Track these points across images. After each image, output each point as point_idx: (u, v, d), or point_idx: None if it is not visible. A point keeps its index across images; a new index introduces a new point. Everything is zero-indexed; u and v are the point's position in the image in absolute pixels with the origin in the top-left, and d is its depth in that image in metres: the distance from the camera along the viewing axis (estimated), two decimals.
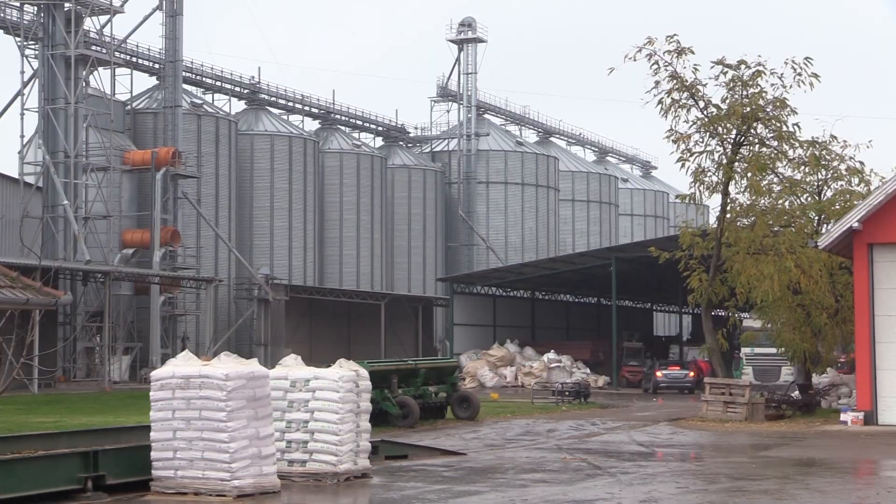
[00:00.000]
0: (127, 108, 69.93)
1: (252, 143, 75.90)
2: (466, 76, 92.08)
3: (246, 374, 17.48)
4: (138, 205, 66.61)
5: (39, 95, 62.83)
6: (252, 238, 75.04)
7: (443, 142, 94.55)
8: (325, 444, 18.93)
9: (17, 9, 63.40)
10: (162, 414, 17.52)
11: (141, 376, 58.33)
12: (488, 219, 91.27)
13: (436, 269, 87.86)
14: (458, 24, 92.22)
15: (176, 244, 65.90)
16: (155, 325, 62.20)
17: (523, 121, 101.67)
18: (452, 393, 34.96)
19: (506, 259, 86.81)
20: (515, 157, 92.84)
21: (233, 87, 78.28)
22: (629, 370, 63.22)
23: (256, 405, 17.52)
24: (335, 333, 76.88)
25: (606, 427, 32.72)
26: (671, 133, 36.60)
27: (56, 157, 61.85)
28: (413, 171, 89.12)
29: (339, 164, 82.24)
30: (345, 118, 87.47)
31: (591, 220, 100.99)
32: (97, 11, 63.71)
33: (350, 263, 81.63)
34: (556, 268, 71.13)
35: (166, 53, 68.54)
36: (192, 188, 68.46)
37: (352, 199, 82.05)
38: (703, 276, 37.42)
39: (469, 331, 70.61)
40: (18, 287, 22.72)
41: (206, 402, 17.24)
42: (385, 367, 32.80)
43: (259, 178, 75.77)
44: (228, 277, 70.92)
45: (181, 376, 17.47)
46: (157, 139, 68.17)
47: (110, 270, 57.73)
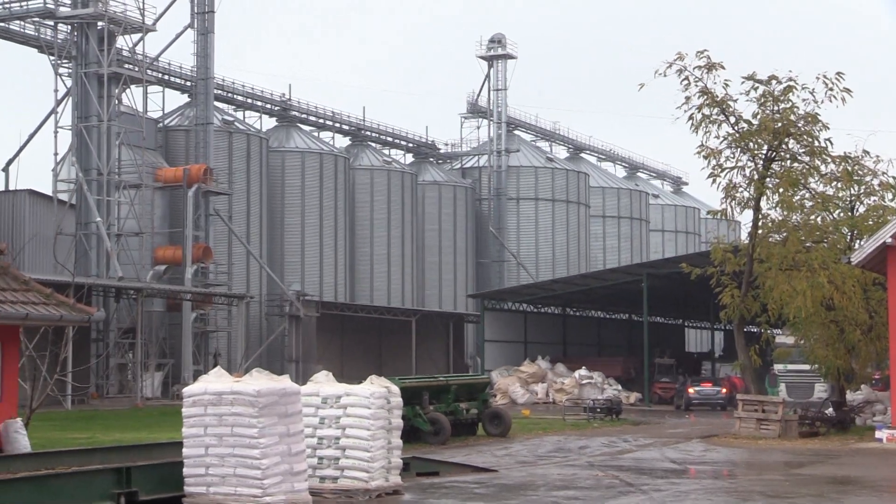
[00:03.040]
0: (159, 126, 70.36)
1: (283, 160, 76.18)
2: (496, 92, 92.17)
3: (277, 390, 17.49)
4: (170, 222, 66.93)
5: (73, 113, 63.30)
6: (283, 254, 75.24)
7: (473, 158, 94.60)
8: (357, 460, 18.92)
9: (51, 28, 63.97)
10: (194, 430, 17.54)
11: (173, 392, 58.53)
12: (519, 235, 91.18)
13: (466, 286, 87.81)
14: (488, 41, 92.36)
15: (207, 261, 66.15)
16: (187, 342, 62.41)
17: (553, 137, 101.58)
18: (484, 409, 34.89)
19: (536, 275, 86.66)
20: (546, 173, 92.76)
21: (264, 104, 78.65)
22: (661, 387, 62.94)
23: (288, 421, 17.53)
24: (366, 350, 76.93)
25: (638, 444, 32.57)
26: (702, 149, 36.49)
27: (89, 175, 62.26)
28: (443, 187, 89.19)
29: (369, 181, 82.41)
30: (375, 135, 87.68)
31: (621, 236, 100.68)
32: (130, 30, 64.17)
33: (381, 279, 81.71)
34: (587, 284, 70.95)
35: (198, 71, 68.92)
36: (224, 205, 68.75)
37: (382, 216, 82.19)
38: (735, 292, 37.23)
39: (500, 347, 70.51)
40: (52, 303, 22.81)
41: (237, 419, 17.26)
42: (416, 384, 32.78)
43: (290, 195, 76.01)
44: (260, 294, 71.14)
45: (213, 393, 17.50)
46: (189, 156, 68.52)
47: (143, 287, 58.02)
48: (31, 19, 63.47)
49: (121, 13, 62.90)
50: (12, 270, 23.37)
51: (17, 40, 65.31)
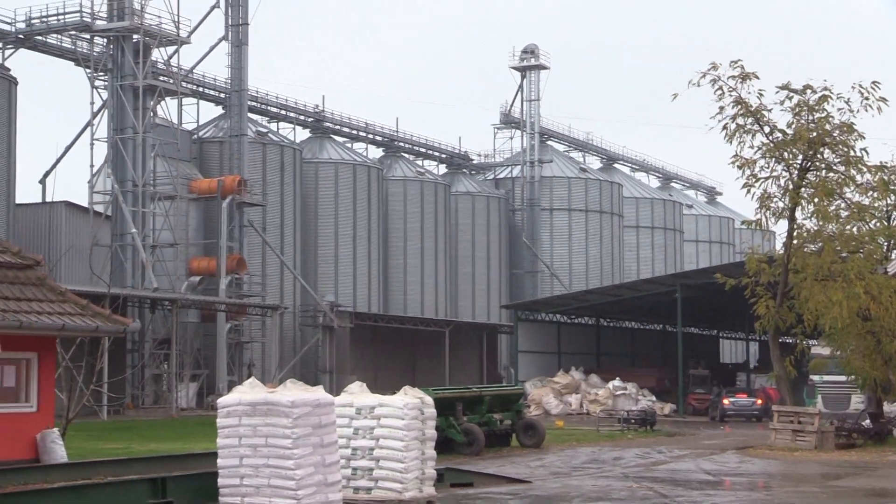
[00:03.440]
0: (193, 138, 70.75)
1: (316, 171, 76.42)
2: (529, 103, 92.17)
3: (311, 401, 17.51)
4: (205, 233, 67.24)
5: (108, 125, 63.76)
6: (317, 265, 75.43)
7: (506, 169, 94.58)
8: (391, 471, 18.92)
9: (88, 41, 64.48)
10: (229, 441, 17.58)
11: (208, 403, 58.74)
12: (552, 246, 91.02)
13: (500, 296, 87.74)
14: (521, 52, 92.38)
15: (242, 272, 66.40)
16: (221, 353, 62.64)
17: (587, 147, 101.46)
18: (517, 420, 34.83)
19: (570, 286, 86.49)
20: (579, 183, 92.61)
21: (297, 115, 78.98)
22: (696, 398, 62.64)
23: (322, 432, 17.54)
24: (399, 360, 76.96)
25: (673, 455, 32.42)
26: (736, 158, 36.36)
27: (125, 186, 62.66)
28: (477, 198, 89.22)
29: (402, 192, 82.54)
30: (408, 146, 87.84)
31: (655, 247, 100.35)
32: (165, 42, 64.60)
33: (414, 290, 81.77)
34: (620, 294, 70.74)
35: (232, 83, 69.27)
36: (258, 216, 69.02)
37: (416, 227, 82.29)
38: (770, 303, 37.02)
39: (534, 358, 70.40)
40: (88, 314, 22.95)
41: (272, 429, 17.28)
42: (450, 395, 32.76)
43: (323, 206, 76.23)
44: (293, 305, 71.34)
45: (247, 403, 17.54)
46: (223, 168, 68.83)
47: (177, 298, 58.30)
48: (68, 33, 64.02)
49: (156, 26, 63.34)
50: (49, 282, 23.55)
51: (54, 53, 65.92)
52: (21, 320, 21.46)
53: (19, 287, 22.51)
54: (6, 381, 22.33)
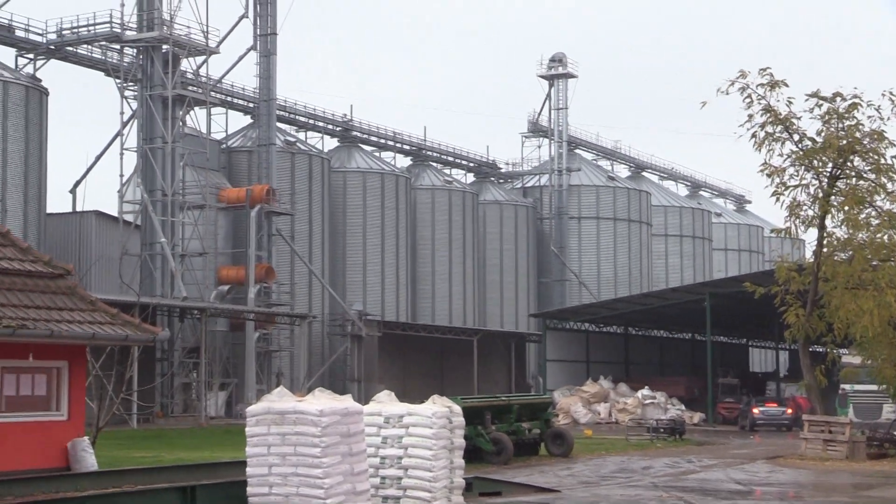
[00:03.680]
0: (222, 147, 71.03)
1: (345, 180, 76.58)
2: (557, 111, 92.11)
3: (340, 410, 17.54)
4: (233, 242, 67.46)
5: (138, 135, 64.08)
6: (345, 274, 75.55)
7: (534, 177, 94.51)
8: (419, 480, 18.91)
9: (118, 51, 64.87)
10: (258, 450, 17.63)
11: (236, 412, 58.88)
12: (580, 254, 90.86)
13: (528, 305, 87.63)
14: (549, 60, 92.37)
15: (270, 281, 66.58)
16: (250, 361, 62.80)
17: (615, 155, 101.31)
18: (546, 429, 34.77)
19: (598, 294, 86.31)
20: (607, 191, 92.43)
21: (325, 124, 79.19)
22: (725, 407, 62.35)
23: (351, 441, 17.56)
24: (428, 369, 76.97)
25: (703, 465, 32.28)
26: (765, 167, 36.22)
27: (154, 196, 62.94)
28: (505, 206, 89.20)
29: (430, 201, 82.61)
30: (436, 154, 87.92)
31: (684, 255, 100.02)
32: (194, 52, 64.90)
33: (442, 299, 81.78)
34: (649, 303, 70.53)
35: (260, 92, 69.54)
36: (286, 225, 69.21)
37: (444, 235, 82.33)
38: (800, 312, 36.83)
39: (562, 367, 70.27)
40: (118, 323, 23.07)
41: (300, 438, 17.32)
42: (478, 404, 32.73)
43: (352, 215, 76.38)
44: (322, 313, 71.47)
45: (276, 412, 17.59)
46: (252, 177, 69.06)
47: (206, 307, 58.50)
48: (98, 43, 64.43)
49: (185, 36, 63.65)
50: (79, 291, 23.68)
51: (84, 64, 66.35)
52: (52, 329, 21.58)
53: (50, 296, 22.65)
54: (37, 389, 22.46)
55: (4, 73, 59.21)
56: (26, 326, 21.13)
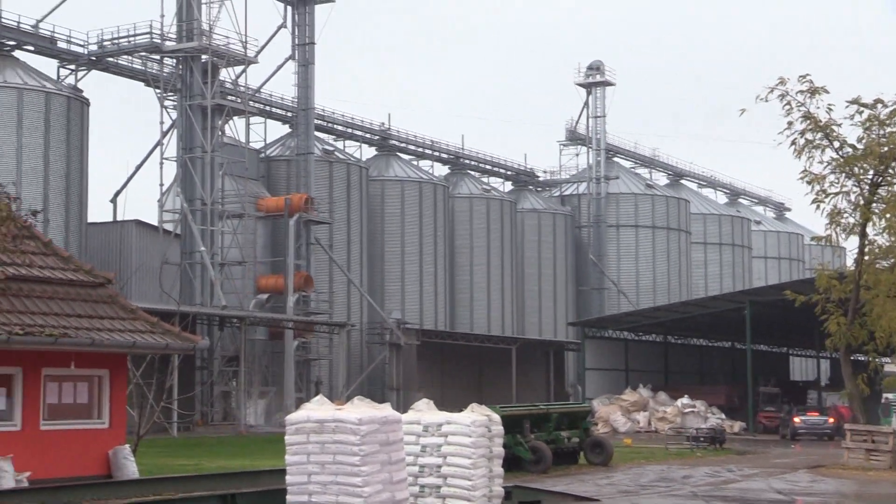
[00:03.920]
0: (261, 156, 71.37)
1: (383, 189, 76.75)
2: (595, 119, 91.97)
3: (379, 418, 17.55)
4: (272, 251, 67.72)
5: (178, 145, 64.51)
6: (383, 283, 75.68)
7: (572, 185, 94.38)
8: (458, 488, 18.88)
9: (157, 62, 65.35)
10: (297, 458, 17.66)
11: (276, 420, 59.05)
12: (619, 262, 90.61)
13: (566, 313, 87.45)
14: (587, 68, 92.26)
15: (309, 289, 66.78)
16: (289, 370, 62.98)
17: (653, 163, 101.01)
18: (585, 438, 34.67)
19: (637, 303, 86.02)
20: (646, 199, 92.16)
21: (363, 133, 79.40)
22: (766, 416, 61.94)
23: (390, 449, 17.56)
24: (466, 378, 76.94)
25: (743, 474, 32.07)
26: (805, 174, 35.98)
27: (193, 205, 63.32)
28: (542, 214, 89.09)
29: (468, 209, 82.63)
30: (474, 163, 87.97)
31: (723, 263, 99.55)
32: (232, 62, 65.28)
33: (480, 307, 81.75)
34: (688, 311, 70.21)
35: (299, 102, 69.84)
36: (325, 234, 69.43)
37: (482, 244, 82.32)
38: (841, 320, 36.54)
39: (601, 375, 70.05)
40: (158, 332, 23.22)
41: (340, 447, 17.33)
42: (517, 412, 32.69)
43: (390, 223, 76.52)
44: (360, 322, 71.61)
45: (315, 420, 17.61)
46: (290, 186, 69.34)
47: (246, 315, 58.75)
48: (138, 54, 64.92)
49: (224, 46, 64.03)
50: (120, 299, 23.85)
51: (125, 74, 66.87)
52: (93, 338, 21.75)
53: (91, 305, 22.82)
54: (79, 397, 22.65)
55: (47, 85, 59.78)
56: (68, 335, 21.30)
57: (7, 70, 58.95)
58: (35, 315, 21.46)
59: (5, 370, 21.31)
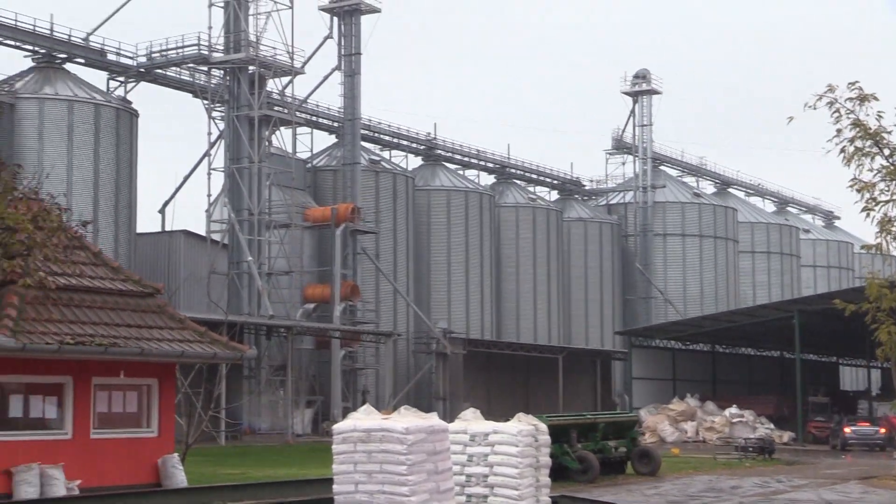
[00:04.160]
0: (307, 166, 71.71)
1: (429, 198, 76.86)
2: (641, 128, 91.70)
3: (426, 427, 17.57)
4: (319, 260, 68.00)
5: (225, 155, 64.95)
6: (430, 292, 75.76)
7: (618, 194, 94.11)
8: (505, 498, 18.84)
9: (205, 73, 65.86)
10: (344, 467, 17.71)
11: (323, 429, 59.23)
12: (666, 271, 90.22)
13: (613, 323, 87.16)
14: (633, 77, 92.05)
15: (355, 299, 66.96)
16: (336, 379, 63.16)
17: (700, 172, 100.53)
18: (632, 448, 34.51)
19: (684, 312, 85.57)
20: (693, 208, 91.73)
21: (409, 143, 79.59)
22: (815, 426, 61.37)
23: (436, 459, 17.57)
24: (513, 387, 76.82)
25: (793, 484, 31.79)
26: (855, 182, 35.56)
27: (241, 215, 63.70)
28: (589, 223, 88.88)
29: (514, 218, 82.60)
30: (520, 172, 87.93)
31: (771, 272, 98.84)
32: (279, 73, 65.66)
33: (527, 317, 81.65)
34: (736, 321, 69.74)
35: (345, 112, 70.12)
36: (371, 243, 69.62)
37: (528, 253, 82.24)
38: (892, 329, 36.07)
39: (648, 384, 69.73)
40: (206, 341, 23.38)
41: (387, 456, 17.36)
42: (564, 422, 32.60)
43: (436, 233, 76.62)
44: (407, 331, 71.71)
45: (362, 430, 17.65)
46: (337, 196, 69.60)
47: (293, 325, 58.99)
48: (186, 65, 65.45)
49: (271, 57, 64.41)
50: (169, 309, 24.04)
51: (173, 86, 67.42)
52: (142, 347, 21.93)
53: (140, 315, 23.01)
54: (128, 406, 22.83)
55: (97, 97, 60.41)
56: (117, 345, 21.49)
57: (58, 82, 59.64)
58: (85, 325, 21.67)
59: (56, 379, 21.53)
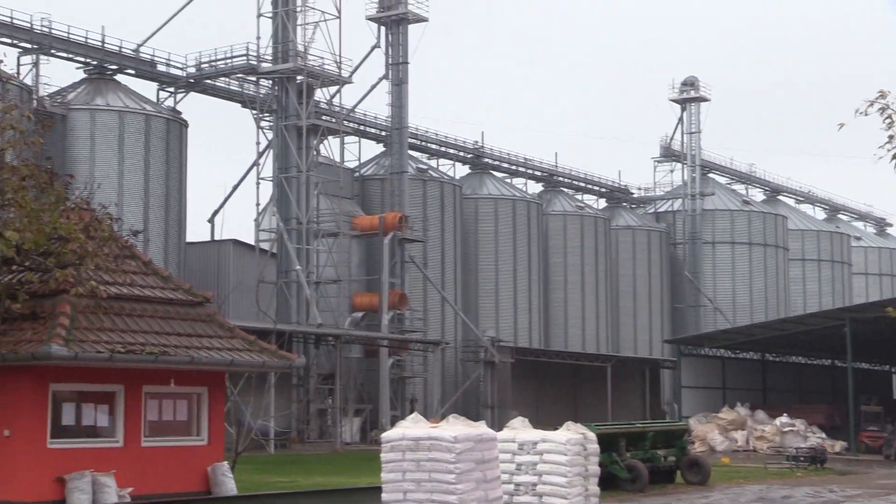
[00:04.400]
0: (355, 175, 71.94)
1: (476, 207, 76.87)
2: (689, 135, 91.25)
3: (474, 436, 17.56)
4: (367, 269, 68.17)
5: (273, 165, 65.27)
6: (477, 300, 75.73)
7: (667, 202, 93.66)
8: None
9: (254, 83, 66.27)
10: (392, 475, 17.73)
11: (371, 437, 59.32)
12: (715, 279, 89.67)
13: (662, 331, 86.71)
14: (681, 84, 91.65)
15: (403, 307, 67.05)
16: (384, 388, 63.23)
17: (749, 179, 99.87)
18: (682, 457, 34.29)
19: (734, 320, 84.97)
20: (742, 216, 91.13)
21: (457, 151, 79.66)
22: (868, 435, 60.66)
23: (485, 467, 17.56)
24: (561, 395, 76.60)
25: (846, 495, 31.45)
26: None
27: (289, 224, 63.99)
28: (637, 231, 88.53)
29: (562, 226, 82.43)
30: (568, 180, 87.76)
31: (822, 280, 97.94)
32: (327, 83, 65.93)
33: (575, 325, 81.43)
34: (786, 329, 69.12)
35: (392, 121, 70.30)
36: (419, 252, 69.71)
37: (576, 261, 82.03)
38: None
39: (697, 393, 69.24)
40: (255, 350, 23.50)
41: (435, 464, 17.37)
42: (613, 430, 32.45)
43: (483, 241, 76.61)
44: (455, 340, 71.70)
45: (411, 438, 17.67)
46: (385, 204, 69.76)
47: (341, 334, 59.15)
48: (235, 76, 65.89)
49: (319, 67, 64.69)
50: (218, 318, 24.18)
51: (222, 96, 67.88)
52: (192, 356, 22.06)
53: (190, 323, 23.17)
54: (178, 414, 22.98)
55: (147, 107, 60.96)
56: (168, 353, 21.64)
57: (109, 93, 60.25)
58: (136, 333, 21.85)
59: (108, 387, 21.71)
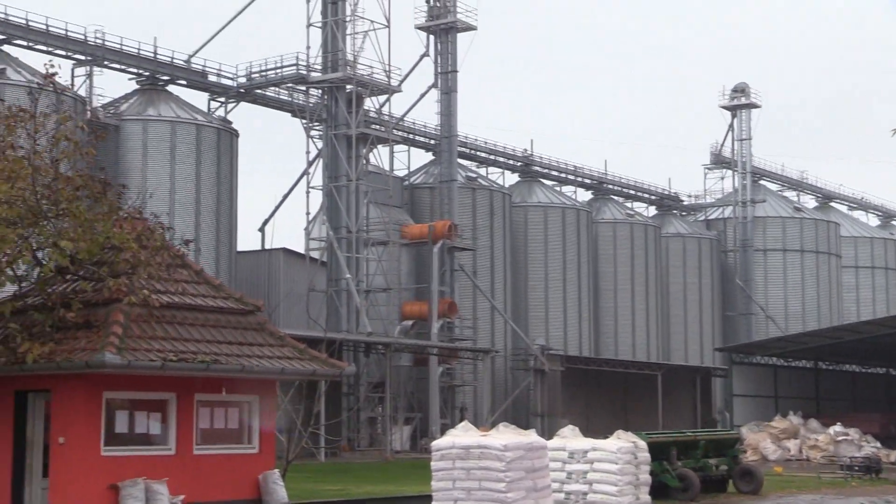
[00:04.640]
0: (405, 184, 72.09)
1: (526, 215, 76.79)
2: (740, 142, 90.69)
3: (524, 444, 17.53)
4: (416, 277, 68.27)
5: (323, 174, 65.54)
6: (527, 309, 75.62)
7: (717, 209, 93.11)
8: None
9: (303, 93, 66.63)
10: (443, 484, 17.74)
11: (421, 446, 59.33)
12: (766, 287, 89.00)
13: (713, 339, 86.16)
14: (731, 91, 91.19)
15: (453, 316, 67.08)
16: (434, 396, 63.27)
17: (801, 186, 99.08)
18: (734, 466, 34.04)
19: (786, 328, 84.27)
20: (794, 223, 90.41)
21: (506, 159, 79.63)
22: None
23: (535, 476, 17.52)
24: (611, 404, 76.26)
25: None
26: None
27: (339, 233, 64.20)
28: (687, 239, 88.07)
29: (612, 234, 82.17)
30: (617, 188, 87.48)
31: (876, 287, 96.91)
32: (376, 92, 66.15)
33: (625, 333, 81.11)
34: (840, 337, 68.43)
35: (441, 129, 70.41)
36: (468, 260, 69.71)
37: (626, 269, 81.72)
38: None
39: (749, 402, 68.69)
40: (306, 358, 23.59)
41: (485, 473, 17.36)
42: (664, 439, 32.24)
43: (533, 250, 76.51)
44: (504, 348, 71.62)
45: (461, 447, 17.67)
46: (434, 213, 69.86)
47: (391, 342, 59.25)
48: (285, 85, 66.28)
49: (368, 76, 64.91)
50: (269, 326, 24.29)
51: (272, 105, 68.32)
52: (243, 364, 22.18)
53: (241, 332, 23.29)
54: (230, 423, 23.09)
55: (198, 117, 61.45)
56: (219, 361, 21.77)
57: (161, 104, 60.80)
58: (188, 342, 21.99)
59: (160, 395, 21.87)
